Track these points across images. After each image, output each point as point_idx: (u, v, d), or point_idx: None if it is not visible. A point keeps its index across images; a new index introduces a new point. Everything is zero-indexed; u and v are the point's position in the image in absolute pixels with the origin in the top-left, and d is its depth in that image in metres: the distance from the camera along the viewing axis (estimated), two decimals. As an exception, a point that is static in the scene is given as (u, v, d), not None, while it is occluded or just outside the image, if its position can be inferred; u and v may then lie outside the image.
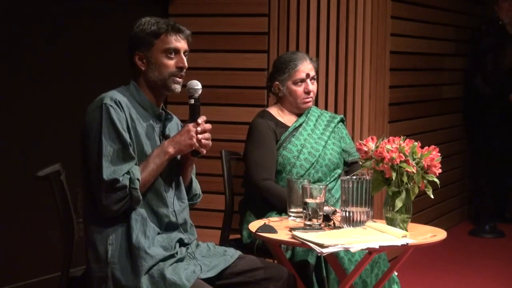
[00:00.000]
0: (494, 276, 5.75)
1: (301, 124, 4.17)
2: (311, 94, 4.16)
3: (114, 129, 3.10)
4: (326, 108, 5.38)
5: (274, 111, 4.21)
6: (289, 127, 4.15)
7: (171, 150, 3.19)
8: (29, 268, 4.76)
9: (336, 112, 5.41)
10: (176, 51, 3.25)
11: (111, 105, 3.11)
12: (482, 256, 6.35)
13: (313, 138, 4.13)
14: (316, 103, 5.32)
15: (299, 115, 4.21)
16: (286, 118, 4.19)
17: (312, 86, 4.17)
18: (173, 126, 3.35)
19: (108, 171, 3.05)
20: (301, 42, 5.49)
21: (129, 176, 3.07)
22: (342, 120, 4.31)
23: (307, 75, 4.14)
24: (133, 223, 3.11)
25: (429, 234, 3.47)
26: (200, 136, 3.20)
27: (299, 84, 4.14)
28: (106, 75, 5.21)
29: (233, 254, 3.29)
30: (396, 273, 3.94)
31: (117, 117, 3.11)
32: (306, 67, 4.15)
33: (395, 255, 4.33)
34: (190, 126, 3.21)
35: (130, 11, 5.43)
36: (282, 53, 5.50)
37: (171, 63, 3.24)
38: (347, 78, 5.43)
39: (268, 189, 3.99)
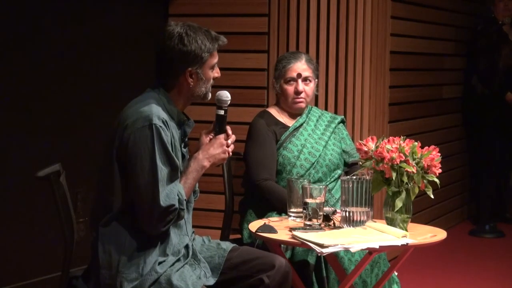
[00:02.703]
0: (494, 276, 5.75)
1: (301, 124, 4.17)
2: (302, 95, 4.14)
3: (166, 153, 3.06)
4: (326, 108, 5.38)
5: (273, 111, 4.21)
6: (289, 127, 4.16)
7: (206, 164, 3.20)
8: (29, 268, 4.76)
9: (336, 112, 5.41)
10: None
11: (160, 126, 3.05)
12: (482, 256, 6.35)
13: (314, 139, 4.14)
14: (316, 103, 5.33)
15: (296, 115, 4.21)
16: (286, 118, 4.19)
17: (305, 87, 4.14)
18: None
19: (163, 196, 3.02)
20: (301, 42, 5.49)
21: (178, 198, 3.07)
22: (342, 121, 4.32)
23: (298, 75, 4.13)
24: (156, 240, 3.11)
25: (429, 234, 3.47)
26: (229, 148, 3.25)
27: (291, 83, 4.14)
28: (107, 75, 5.22)
29: (226, 247, 3.29)
30: (396, 273, 3.94)
31: (167, 139, 3.06)
32: (298, 67, 4.14)
33: (395, 255, 4.33)
34: (222, 139, 3.23)
35: (130, 11, 5.43)
36: (282, 53, 5.51)
37: (212, 75, 3.25)
38: (347, 78, 5.43)
39: (269, 189, 4.00)
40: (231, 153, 3.26)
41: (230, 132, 3.27)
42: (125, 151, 3.07)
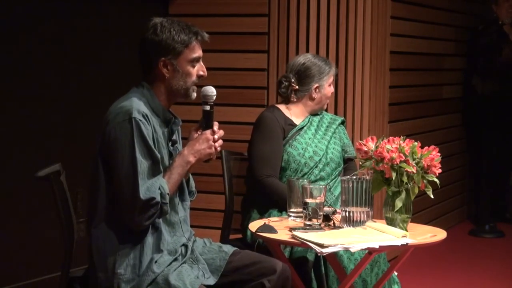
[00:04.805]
0: (494, 276, 5.75)
1: (305, 125, 4.19)
2: None
3: (146, 146, 3.06)
4: (326, 109, 5.38)
5: (283, 108, 4.22)
6: (296, 125, 4.18)
7: (192, 159, 3.19)
8: (29, 268, 4.76)
9: (336, 112, 5.42)
10: (199, 59, 3.23)
11: (140, 120, 3.06)
12: (482, 256, 6.35)
13: (317, 138, 4.16)
14: (316, 103, 5.34)
15: (306, 114, 4.23)
16: (295, 117, 4.20)
17: None
18: (179, 130, 3.34)
19: (143, 189, 3.02)
20: (301, 42, 5.49)
21: (160, 192, 3.06)
22: (342, 122, 4.35)
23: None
24: (148, 237, 3.11)
25: (429, 234, 3.47)
26: (216, 144, 3.23)
27: (331, 86, 4.26)
28: (107, 75, 5.22)
29: (228, 250, 3.29)
30: (396, 273, 3.94)
31: (147, 132, 3.06)
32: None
33: (395, 255, 4.33)
34: (208, 134, 3.22)
35: (130, 11, 5.43)
36: (282, 53, 5.52)
37: (194, 71, 3.22)
38: (347, 78, 5.43)
39: (271, 186, 4.00)
40: (218, 149, 3.25)
41: (216, 128, 3.25)
42: (107, 146, 3.08)
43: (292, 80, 4.19)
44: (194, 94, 3.25)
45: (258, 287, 3.18)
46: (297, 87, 4.19)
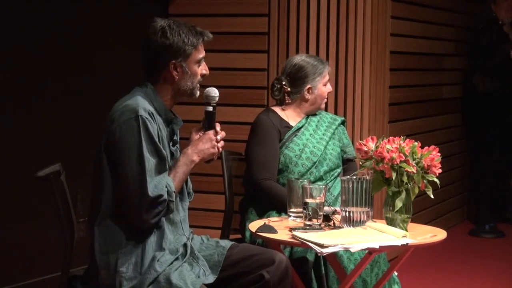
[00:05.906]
0: (494, 276, 5.75)
1: (303, 125, 4.19)
2: None
3: (153, 143, 3.07)
4: (326, 109, 5.37)
5: (278, 110, 4.22)
6: (292, 127, 4.17)
7: (195, 158, 3.22)
8: (29, 268, 4.77)
9: (336, 112, 5.42)
10: (203, 58, 3.26)
11: (146, 118, 3.07)
12: (482, 256, 6.35)
13: (315, 139, 4.16)
14: (316, 103, 5.33)
15: (302, 115, 4.22)
16: (291, 118, 4.20)
17: None
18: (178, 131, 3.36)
19: (151, 186, 3.03)
20: (301, 42, 5.49)
21: (167, 189, 3.08)
22: (342, 122, 4.34)
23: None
24: (151, 236, 3.12)
25: (429, 234, 3.47)
26: (219, 144, 3.25)
27: (327, 86, 4.24)
28: (106, 74, 5.22)
29: (225, 244, 3.31)
30: (396, 273, 3.94)
31: (153, 130, 3.08)
32: (329, 70, 4.31)
33: (395, 255, 4.33)
34: (211, 134, 3.25)
35: (130, 10, 5.43)
36: (282, 53, 5.52)
37: (199, 71, 3.25)
38: (347, 78, 5.43)
39: (269, 190, 4.00)
40: (221, 149, 3.28)
41: (219, 128, 3.28)
42: (113, 144, 3.08)
43: (284, 83, 4.18)
44: (198, 93, 3.28)
45: (258, 279, 3.18)
46: (289, 89, 4.18)
